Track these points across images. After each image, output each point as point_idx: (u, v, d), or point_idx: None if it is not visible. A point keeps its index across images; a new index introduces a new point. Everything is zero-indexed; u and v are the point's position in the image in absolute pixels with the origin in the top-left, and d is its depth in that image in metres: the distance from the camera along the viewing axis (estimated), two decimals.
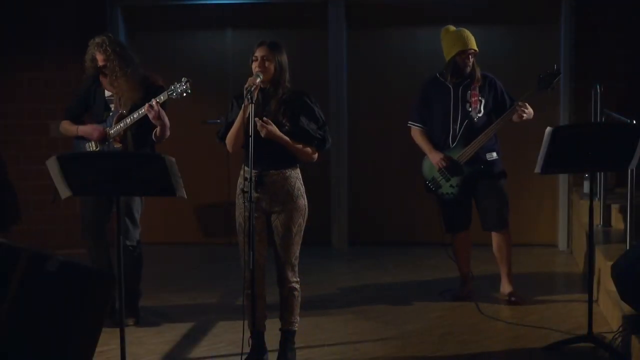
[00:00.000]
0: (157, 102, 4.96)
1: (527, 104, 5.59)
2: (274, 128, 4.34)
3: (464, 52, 5.65)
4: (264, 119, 4.33)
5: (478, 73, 5.72)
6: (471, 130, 5.67)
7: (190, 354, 4.86)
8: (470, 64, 5.69)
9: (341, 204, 8.03)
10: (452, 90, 5.72)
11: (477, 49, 5.69)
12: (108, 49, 5.16)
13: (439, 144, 5.78)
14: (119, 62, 5.15)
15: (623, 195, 6.11)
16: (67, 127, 5.39)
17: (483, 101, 5.71)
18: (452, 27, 5.79)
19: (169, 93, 4.97)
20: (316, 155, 4.53)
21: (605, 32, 7.51)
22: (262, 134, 4.31)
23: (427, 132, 5.84)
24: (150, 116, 4.97)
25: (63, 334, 3.80)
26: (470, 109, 5.69)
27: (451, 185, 5.76)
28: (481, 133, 5.65)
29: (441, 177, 5.77)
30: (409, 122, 5.93)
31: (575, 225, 7.39)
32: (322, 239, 7.94)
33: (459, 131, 5.69)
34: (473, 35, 5.74)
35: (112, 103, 5.27)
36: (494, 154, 5.75)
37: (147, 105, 4.97)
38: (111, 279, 4.02)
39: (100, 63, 5.20)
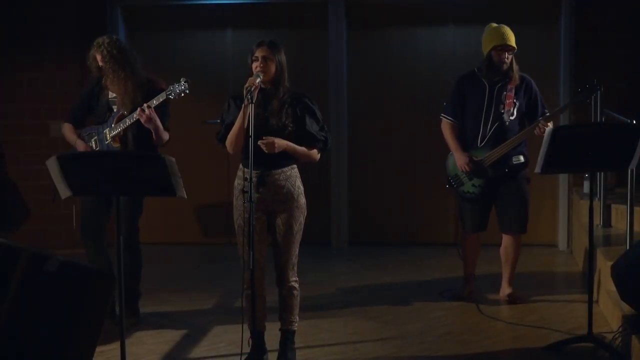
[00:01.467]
0: (148, 107, 4.98)
1: (548, 124, 5.48)
2: (279, 141, 4.34)
3: (501, 47, 5.56)
4: (264, 138, 4.31)
5: (516, 73, 5.63)
6: (501, 133, 5.60)
7: (190, 354, 4.86)
8: (507, 60, 5.58)
9: (341, 204, 8.04)
10: (487, 88, 5.64)
11: (515, 46, 5.58)
12: (105, 50, 5.17)
13: (467, 142, 5.73)
14: (113, 65, 5.16)
15: (623, 195, 6.11)
16: (68, 134, 5.39)
17: (517, 104, 5.62)
18: (494, 24, 5.71)
19: (168, 93, 4.98)
20: (318, 157, 4.54)
21: (605, 32, 7.51)
22: (268, 151, 4.31)
23: (458, 127, 5.80)
24: (142, 120, 4.99)
25: (63, 334, 3.80)
26: (503, 111, 5.61)
27: (473, 185, 5.72)
28: (511, 136, 5.59)
29: (464, 176, 5.74)
30: (442, 115, 5.83)
31: (575, 225, 7.39)
32: (322, 239, 7.95)
33: (488, 132, 5.64)
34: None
35: (115, 104, 5.27)
36: (521, 157, 5.68)
37: (139, 109, 4.99)
38: (111, 279, 4.03)
39: (99, 63, 5.23)
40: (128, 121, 5.11)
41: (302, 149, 4.45)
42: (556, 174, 7.42)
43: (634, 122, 5.62)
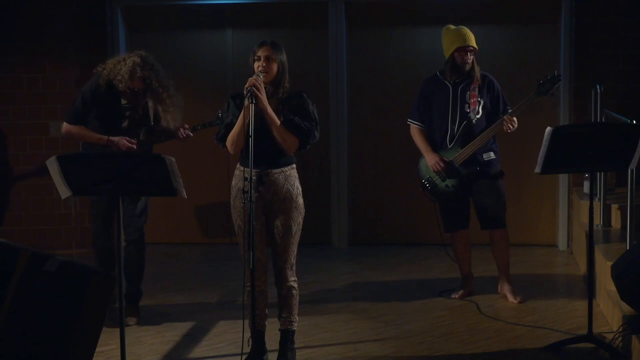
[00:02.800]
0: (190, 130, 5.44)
1: (514, 119, 5.55)
2: (264, 97, 4.30)
3: (463, 49, 5.65)
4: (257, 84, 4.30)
5: (478, 73, 5.71)
6: (469, 131, 5.67)
7: (190, 354, 4.86)
8: (469, 61, 5.68)
9: (341, 204, 8.03)
10: (451, 89, 5.72)
11: (476, 46, 5.69)
12: (160, 81, 5.30)
13: (436, 144, 5.78)
14: (161, 88, 5.30)
15: (623, 195, 6.11)
16: (86, 133, 5.31)
17: (482, 102, 5.70)
18: (452, 26, 5.81)
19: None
20: (295, 146, 4.42)
21: (605, 32, 7.50)
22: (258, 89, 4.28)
23: (426, 131, 5.85)
24: (180, 139, 5.45)
25: (63, 334, 3.80)
26: (468, 110, 5.69)
27: (447, 185, 5.76)
28: (479, 134, 5.64)
29: (437, 177, 5.77)
30: (408, 120, 5.96)
31: (575, 225, 7.39)
32: (322, 239, 7.95)
33: (457, 132, 5.69)
34: (475, 35, 5.74)
35: (127, 111, 5.29)
36: (492, 154, 5.75)
37: (182, 133, 5.40)
38: (111, 279, 4.03)
39: (139, 85, 5.22)
40: (163, 138, 5.41)
41: (280, 125, 4.36)
42: (556, 174, 7.42)
43: (634, 122, 5.63)
